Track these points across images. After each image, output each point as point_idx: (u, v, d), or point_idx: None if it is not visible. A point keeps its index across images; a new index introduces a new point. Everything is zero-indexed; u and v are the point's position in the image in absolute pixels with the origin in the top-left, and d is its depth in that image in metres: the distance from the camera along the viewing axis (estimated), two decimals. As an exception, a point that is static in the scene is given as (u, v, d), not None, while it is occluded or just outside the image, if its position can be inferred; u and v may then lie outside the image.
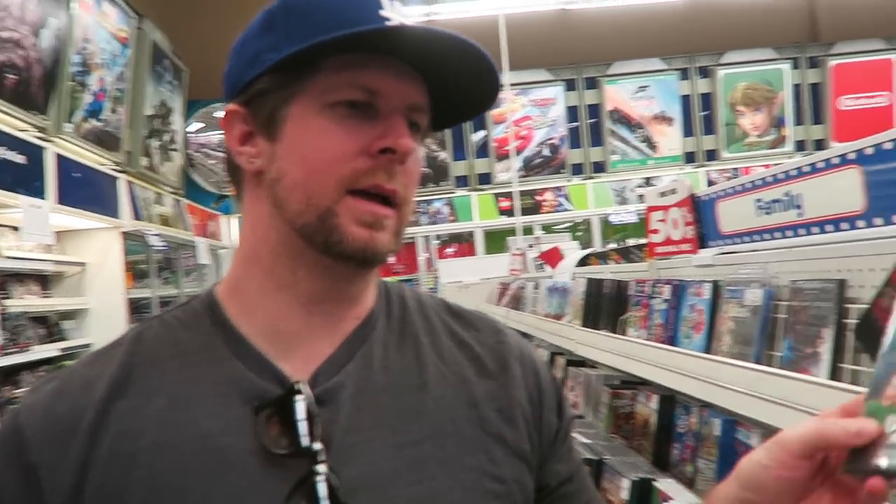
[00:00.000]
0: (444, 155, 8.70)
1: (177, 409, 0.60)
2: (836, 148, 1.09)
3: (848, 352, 1.05)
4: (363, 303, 0.69)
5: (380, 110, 0.62)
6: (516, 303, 3.86)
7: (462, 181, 8.78)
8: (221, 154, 7.73)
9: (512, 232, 5.87)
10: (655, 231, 1.87)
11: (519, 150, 8.52)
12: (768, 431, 1.34)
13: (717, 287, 1.49)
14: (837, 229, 1.12)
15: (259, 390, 0.61)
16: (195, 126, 7.76)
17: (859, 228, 1.06)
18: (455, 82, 0.65)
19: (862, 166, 1.03)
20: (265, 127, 0.64)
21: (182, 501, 0.57)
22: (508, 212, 8.05)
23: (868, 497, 0.49)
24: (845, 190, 1.06)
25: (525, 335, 3.47)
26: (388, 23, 0.60)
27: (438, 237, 8.80)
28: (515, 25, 6.20)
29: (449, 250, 8.87)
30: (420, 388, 0.66)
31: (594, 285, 2.30)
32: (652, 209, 1.88)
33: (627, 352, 1.69)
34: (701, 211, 1.63)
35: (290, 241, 0.64)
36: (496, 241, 8.24)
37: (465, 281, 5.44)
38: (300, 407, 0.59)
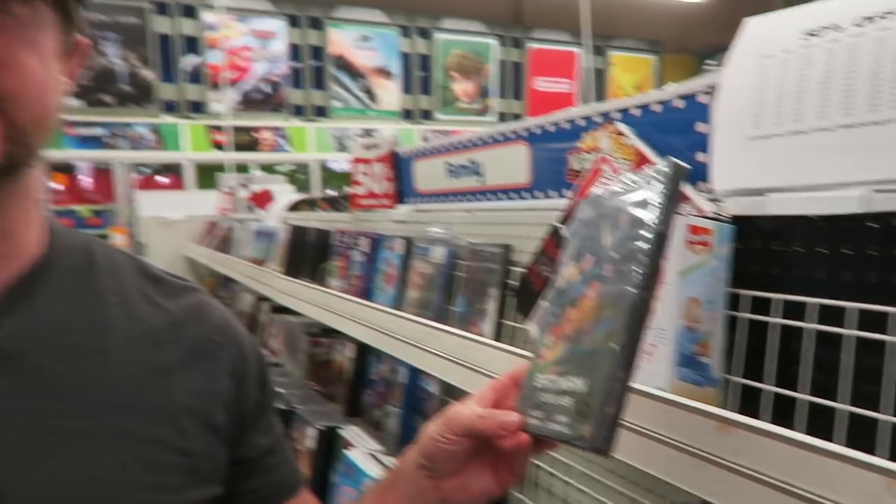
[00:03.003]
0: (148, 74, 7.75)
1: None
2: (511, 123, 1.20)
3: (509, 310, 1.19)
4: (16, 243, 0.57)
5: None
6: (224, 244, 3.66)
7: (170, 106, 7.95)
8: None
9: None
10: (359, 183, 1.89)
11: (236, 82, 7.99)
12: (445, 382, 1.47)
13: (409, 243, 1.57)
14: (510, 198, 1.25)
15: None
16: None
17: (526, 200, 1.20)
18: None
19: (530, 143, 1.15)
20: None
21: None
22: (222, 146, 7.54)
23: (520, 451, 0.56)
24: (516, 163, 1.18)
25: (230, 280, 3.31)
26: None
27: (142, 166, 7.88)
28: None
29: (161, 179, 8.01)
30: (100, 353, 0.59)
31: (298, 232, 2.27)
32: (357, 161, 1.90)
33: (325, 303, 1.70)
34: (401, 168, 1.69)
35: None
36: (210, 175, 7.68)
37: (170, 217, 4.97)
38: None
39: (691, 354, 0.64)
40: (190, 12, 7.81)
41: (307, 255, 2.18)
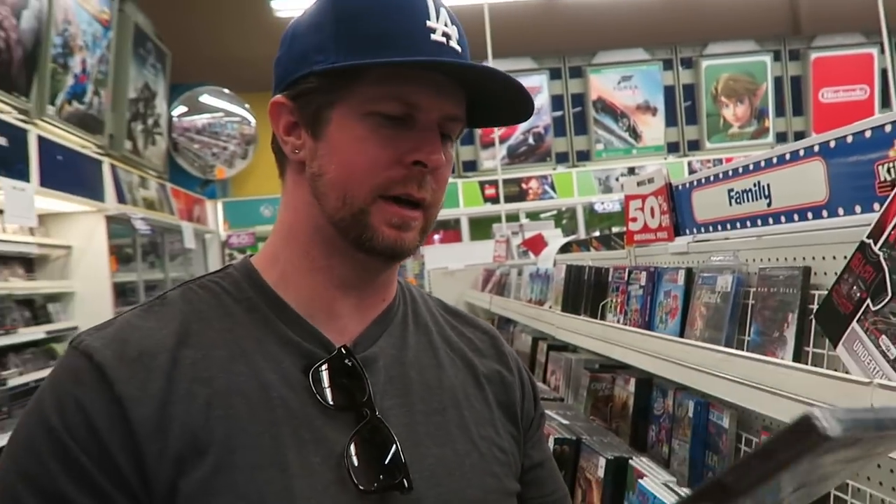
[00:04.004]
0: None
1: (236, 361, 0.65)
2: (802, 140, 1.13)
3: (811, 335, 1.11)
4: (389, 290, 0.77)
5: (417, 122, 0.67)
6: (500, 289, 3.91)
7: (448, 168, 8.78)
8: (206, 139, 7.66)
9: (497, 219, 5.89)
10: (634, 219, 1.92)
11: (504, 138, 8.54)
12: (738, 412, 1.40)
13: (690, 273, 1.55)
14: (803, 219, 1.18)
15: (306, 352, 0.67)
16: (179, 110, 7.63)
17: (823, 218, 1.12)
18: (491, 99, 0.71)
19: (825, 158, 1.08)
20: (310, 123, 0.69)
21: (258, 442, 0.62)
22: (494, 199, 8.08)
23: None
24: (810, 181, 1.11)
25: (508, 321, 3.52)
26: (433, 35, 0.66)
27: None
28: (500, 13, 6.19)
29: (436, 237, 8.90)
30: (437, 367, 0.75)
31: (574, 272, 2.35)
32: (630, 197, 1.93)
33: (606, 336, 1.74)
34: (677, 200, 1.68)
35: (326, 230, 0.69)
36: (482, 227, 8.26)
37: (451, 267, 5.46)
38: (348, 369, 0.67)
39: None
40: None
41: (583, 293, 2.24)
